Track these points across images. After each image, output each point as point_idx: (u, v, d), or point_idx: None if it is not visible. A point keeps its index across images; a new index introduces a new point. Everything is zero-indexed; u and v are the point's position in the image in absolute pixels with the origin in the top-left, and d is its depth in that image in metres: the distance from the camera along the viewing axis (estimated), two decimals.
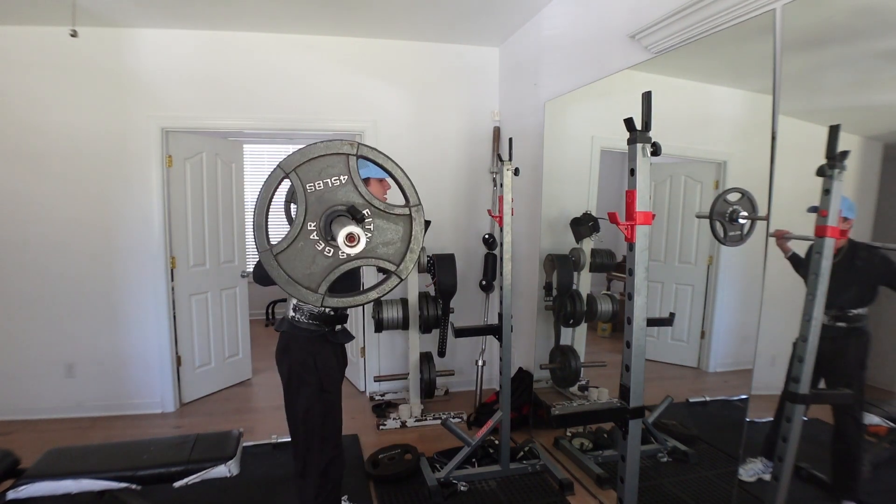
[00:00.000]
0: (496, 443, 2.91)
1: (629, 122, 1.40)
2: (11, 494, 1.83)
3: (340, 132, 3.88)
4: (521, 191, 3.42)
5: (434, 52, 3.84)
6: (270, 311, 6.26)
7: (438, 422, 3.46)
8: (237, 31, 3.52)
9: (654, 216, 1.45)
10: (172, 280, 3.65)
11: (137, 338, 3.60)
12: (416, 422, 3.48)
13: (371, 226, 1.13)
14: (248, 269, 4.28)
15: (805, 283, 1.56)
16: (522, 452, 2.93)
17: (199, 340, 3.86)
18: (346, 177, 1.12)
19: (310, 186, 1.10)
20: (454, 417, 3.56)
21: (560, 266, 3.08)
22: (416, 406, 3.56)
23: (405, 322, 3.50)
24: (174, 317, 3.68)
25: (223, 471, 2.02)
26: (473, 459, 2.87)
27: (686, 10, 2.02)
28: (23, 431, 3.31)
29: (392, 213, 1.14)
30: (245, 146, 4.95)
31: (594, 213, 3.00)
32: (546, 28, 3.24)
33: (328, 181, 1.11)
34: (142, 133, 3.44)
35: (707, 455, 2.40)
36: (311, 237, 1.10)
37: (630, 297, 1.48)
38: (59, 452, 2.06)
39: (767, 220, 1.69)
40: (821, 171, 1.49)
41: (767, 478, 1.70)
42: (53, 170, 3.38)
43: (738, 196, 1.85)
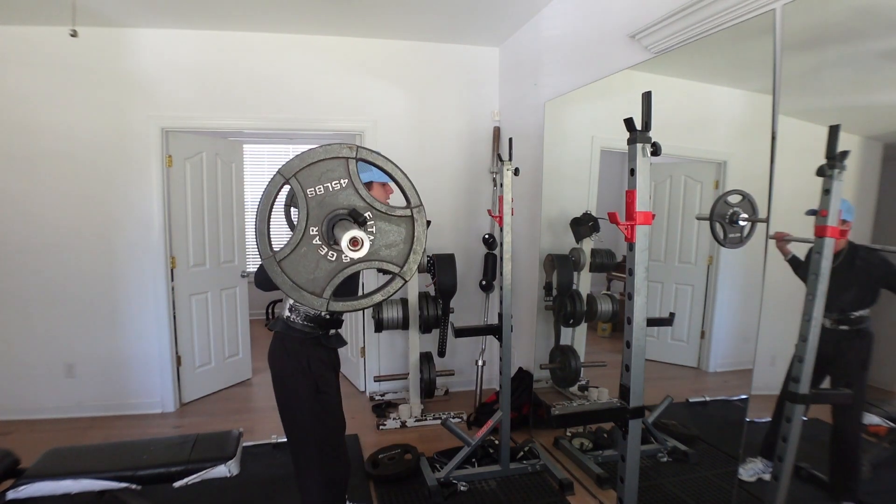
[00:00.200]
0: (496, 443, 2.91)
1: (629, 122, 1.40)
2: (11, 494, 1.83)
3: (340, 132, 3.88)
4: (521, 191, 3.42)
5: (434, 52, 3.84)
6: (270, 311, 6.27)
7: (438, 422, 3.46)
8: (237, 31, 3.52)
9: (654, 216, 1.45)
10: (172, 280, 3.65)
11: (137, 338, 3.60)
12: (416, 422, 3.48)
13: (373, 228, 1.13)
14: (249, 269, 4.28)
15: (805, 285, 1.56)
16: (522, 452, 2.93)
17: (199, 340, 3.86)
18: (347, 180, 1.12)
19: (311, 191, 1.10)
20: (454, 417, 3.56)
21: (560, 266, 3.08)
22: (416, 406, 3.56)
23: (405, 322, 3.50)
24: (174, 317, 3.68)
25: (223, 471, 2.02)
26: (473, 459, 2.87)
27: (686, 10, 2.02)
28: (23, 431, 3.31)
29: (394, 215, 1.14)
30: (245, 146, 4.96)
31: (594, 213, 3.00)
32: (546, 28, 3.24)
33: (329, 185, 1.11)
34: (142, 133, 3.44)
35: (707, 455, 2.40)
36: (314, 242, 1.11)
37: (630, 297, 1.48)
38: (59, 452, 2.06)
39: (767, 222, 1.69)
40: (821, 171, 1.49)
41: (767, 478, 1.70)
42: (53, 169, 3.38)
43: (739, 198, 1.85)
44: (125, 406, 3.61)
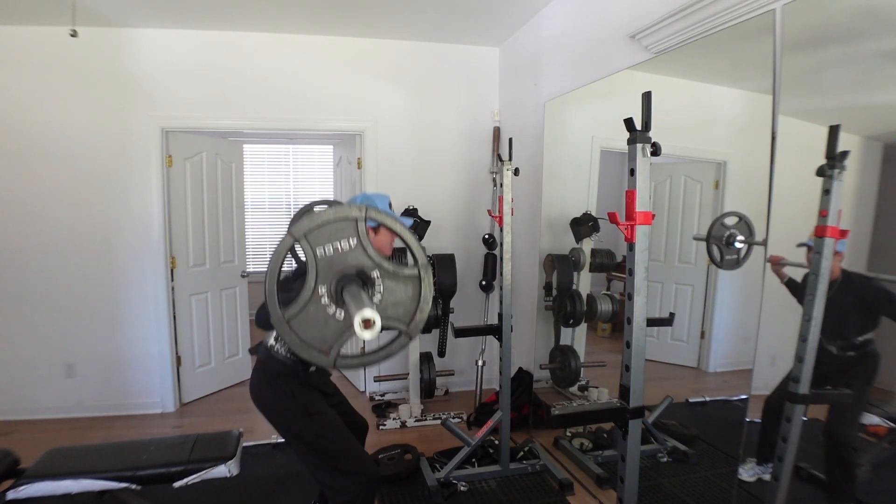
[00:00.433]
0: (496, 443, 2.91)
1: (629, 122, 1.40)
2: (11, 494, 1.83)
3: (340, 132, 3.89)
4: (521, 191, 3.42)
5: (434, 52, 3.84)
6: None
7: (438, 422, 3.46)
8: (237, 31, 3.52)
9: (654, 216, 1.45)
10: (172, 280, 3.65)
11: (137, 338, 3.60)
12: (416, 422, 3.48)
13: (381, 287, 1.15)
14: (249, 269, 4.28)
15: (802, 308, 1.58)
16: (522, 452, 2.93)
17: (199, 340, 3.86)
18: (356, 240, 1.14)
19: (320, 251, 1.12)
20: (454, 417, 3.56)
21: (560, 266, 3.08)
22: (416, 406, 3.56)
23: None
24: (174, 317, 3.68)
25: (223, 471, 2.02)
26: (473, 459, 2.87)
27: (686, 10, 2.02)
28: (23, 431, 3.31)
29: (401, 274, 1.17)
30: (245, 146, 4.95)
31: (594, 213, 3.00)
32: (546, 28, 3.24)
33: (338, 245, 1.13)
34: (142, 133, 3.44)
35: (707, 455, 2.40)
36: (322, 301, 1.12)
37: (630, 297, 1.48)
38: (59, 452, 2.06)
39: (767, 222, 1.69)
40: (821, 171, 1.49)
41: (767, 478, 1.70)
42: (53, 169, 3.38)
43: (735, 220, 1.86)
44: (125, 406, 3.61)
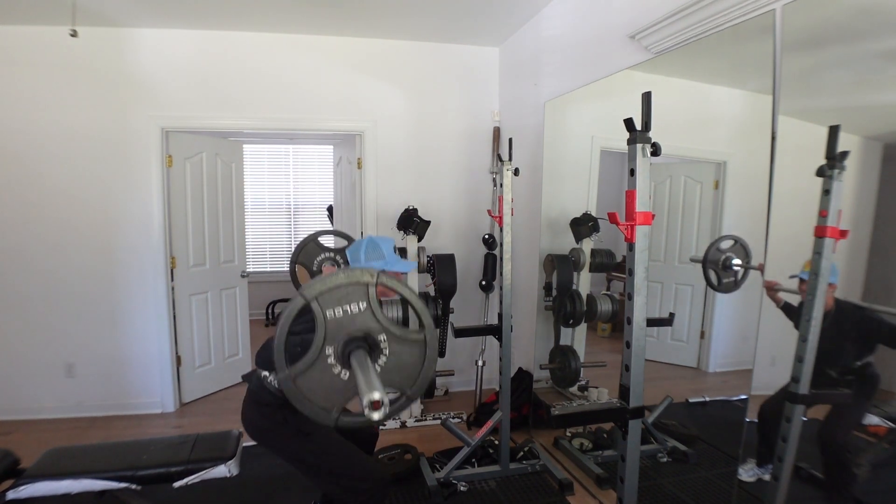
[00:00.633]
0: (496, 443, 2.91)
1: (629, 123, 1.40)
2: (11, 494, 1.84)
3: (340, 132, 3.89)
4: (521, 191, 3.42)
5: (434, 52, 3.84)
6: (270, 311, 6.27)
7: (438, 422, 3.46)
8: (237, 31, 3.52)
9: (654, 216, 1.45)
10: (172, 280, 3.65)
11: (137, 338, 3.60)
12: (416, 422, 3.48)
13: (386, 350, 1.19)
14: (248, 269, 4.29)
15: (797, 329, 1.59)
16: (522, 452, 2.93)
17: (199, 340, 3.86)
18: (365, 304, 1.18)
19: (329, 313, 1.16)
20: (454, 417, 3.56)
21: (560, 266, 3.08)
22: (416, 406, 3.56)
23: (405, 322, 3.48)
24: (174, 317, 3.68)
25: (223, 471, 2.02)
26: (473, 459, 2.87)
27: (686, 11, 2.02)
28: (23, 431, 3.31)
29: (407, 339, 1.21)
30: (245, 146, 4.96)
31: (594, 213, 3.00)
32: (546, 28, 3.24)
33: (348, 308, 1.17)
34: (142, 133, 3.44)
35: (707, 455, 2.40)
36: (328, 361, 1.16)
37: (630, 297, 1.48)
38: (59, 452, 2.06)
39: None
40: (821, 172, 1.49)
41: (767, 478, 1.70)
42: (53, 169, 3.38)
43: (731, 243, 1.87)
44: (125, 406, 3.61)
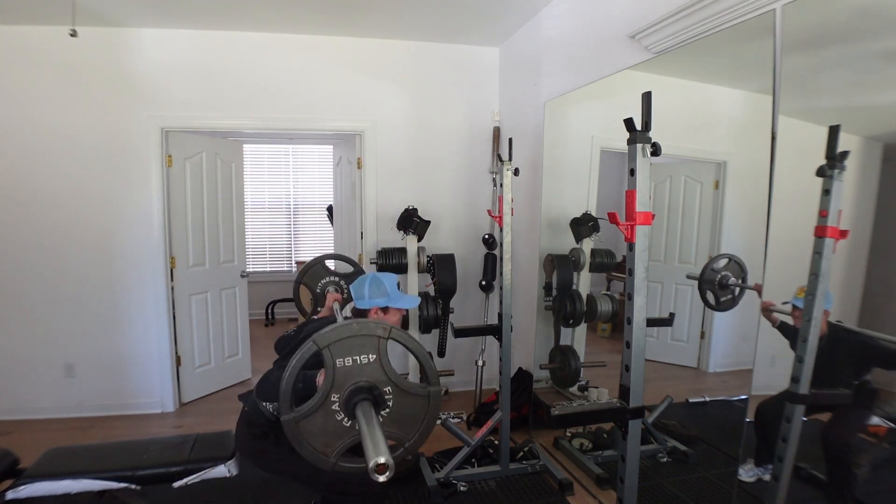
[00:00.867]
0: (496, 443, 2.91)
1: (629, 122, 1.40)
2: (11, 494, 1.83)
3: (340, 132, 3.89)
4: (521, 191, 3.42)
5: (434, 52, 3.84)
6: (270, 311, 6.26)
7: (438, 422, 3.45)
8: (237, 31, 3.51)
9: (654, 216, 1.45)
10: (172, 280, 3.65)
11: (137, 338, 3.60)
12: None
13: (390, 402, 1.22)
14: (248, 269, 4.29)
15: (792, 349, 1.59)
16: (522, 452, 2.93)
17: (199, 340, 3.86)
18: (375, 356, 1.20)
19: (339, 362, 1.18)
20: (454, 417, 3.54)
21: (560, 266, 3.08)
22: None
23: (405, 322, 3.50)
24: (174, 317, 3.68)
25: (223, 471, 2.02)
26: (473, 459, 2.87)
27: (686, 11, 2.02)
28: (23, 431, 3.30)
29: (412, 393, 1.24)
30: (245, 146, 4.96)
31: (594, 213, 3.00)
32: (546, 28, 3.24)
33: (358, 358, 1.20)
34: (142, 133, 3.44)
35: (707, 455, 2.39)
36: (333, 408, 1.19)
37: (630, 297, 1.47)
38: (59, 452, 2.06)
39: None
40: (821, 172, 1.49)
41: (767, 478, 1.69)
42: (53, 169, 3.37)
43: (725, 261, 1.88)
44: (125, 406, 3.60)
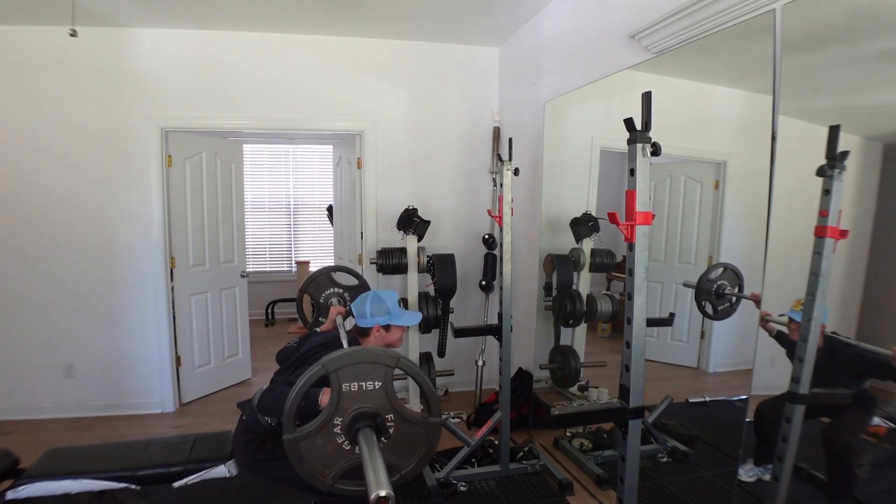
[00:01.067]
0: (496, 443, 2.91)
1: (629, 122, 1.40)
2: (11, 494, 1.83)
3: (340, 132, 3.89)
4: (521, 191, 3.42)
5: (434, 52, 3.84)
6: (270, 311, 6.26)
7: None
8: (237, 31, 3.51)
9: (654, 216, 1.45)
10: (172, 280, 3.65)
11: (137, 338, 3.60)
12: None
13: (392, 430, 1.25)
14: (248, 269, 4.29)
15: (789, 359, 1.60)
16: (522, 452, 2.93)
17: (199, 340, 3.86)
18: (381, 384, 1.23)
19: (346, 386, 1.20)
20: (454, 417, 3.54)
21: (560, 266, 3.08)
22: (416, 406, 3.55)
23: None
24: (174, 317, 3.67)
25: (223, 471, 2.02)
26: (473, 459, 2.87)
27: (686, 10, 2.02)
28: (22, 431, 3.30)
29: (413, 423, 1.27)
30: (245, 146, 4.96)
31: (594, 213, 3.00)
32: (546, 28, 3.24)
33: (364, 384, 1.22)
34: (141, 133, 3.44)
35: (707, 455, 2.40)
36: (335, 430, 1.21)
37: (630, 297, 1.47)
38: (59, 452, 2.06)
39: (767, 232, 1.69)
40: (821, 172, 1.49)
41: (767, 478, 1.69)
42: (53, 169, 3.37)
43: (721, 270, 1.88)
44: (125, 406, 3.60)
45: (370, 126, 3.77)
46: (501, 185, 2.67)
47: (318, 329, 2.23)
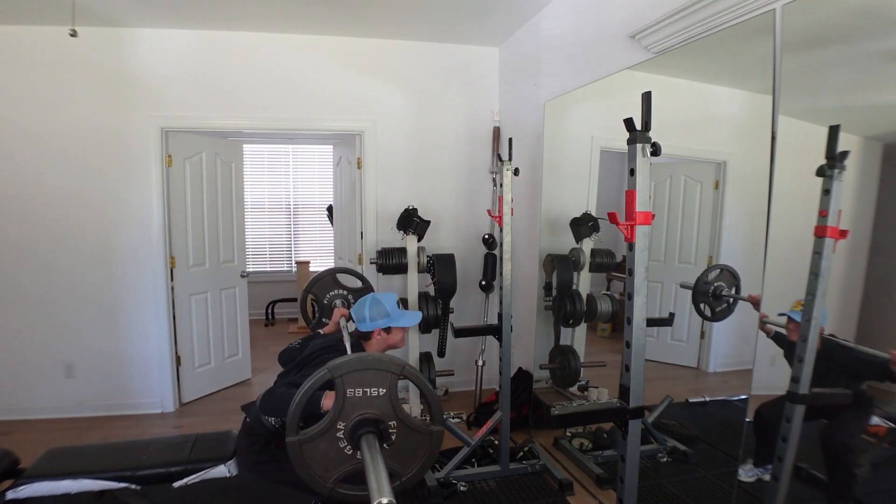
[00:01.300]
0: (496, 443, 2.91)
1: (629, 122, 1.40)
2: (11, 494, 1.83)
3: (340, 132, 3.89)
4: (521, 191, 3.42)
5: (434, 52, 3.84)
6: (270, 311, 6.26)
7: None
8: (237, 31, 3.51)
9: (654, 216, 1.45)
10: (172, 280, 3.65)
11: (137, 338, 3.60)
12: None
13: (394, 436, 1.26)
14: (248, 269, 4.29)
15: (786, 360, 1.60)
16: (522, 452, 2.93)
17: (199, 340, 3.86)
18: (385, 391, 1.25)
19: (350, 392, 1.22)
20: (454, 417, 3.54)
21: (560, 266, 3.08)
22: (416, 406, 3.55)
23: None
24: (174, 317, 3.68)
25: (223, 471, 2.02)
26: (473, 459, 2.87)
27: (686, 10, 2.02)
28: (22, 431, 3.30)
29: (416, 430, 1.28)
30: (245, 146, 4.95)
31: (594, 213, 3.00)
32: (546, 28, 3.24)
33: (368, 390, 1.24)
34: (141, 133, 3.44)
35: (707, 455, 2.40)
36: (337, 435, 1.23)
37: (630, 297, 1.47)
38: (59, 452, 2.06)
39: (767, 232, 1.69)
40: (821, 172, 1.49)
41: (767, 478, 1.69)
42: (53, 169, 3.37)
43: (717, 272, 1.88)
44: (125, 406, 3.60)
45: (370, 126, 3.77)
46: (501, 185, 2.67)
47: (322, 331, 2.24)
